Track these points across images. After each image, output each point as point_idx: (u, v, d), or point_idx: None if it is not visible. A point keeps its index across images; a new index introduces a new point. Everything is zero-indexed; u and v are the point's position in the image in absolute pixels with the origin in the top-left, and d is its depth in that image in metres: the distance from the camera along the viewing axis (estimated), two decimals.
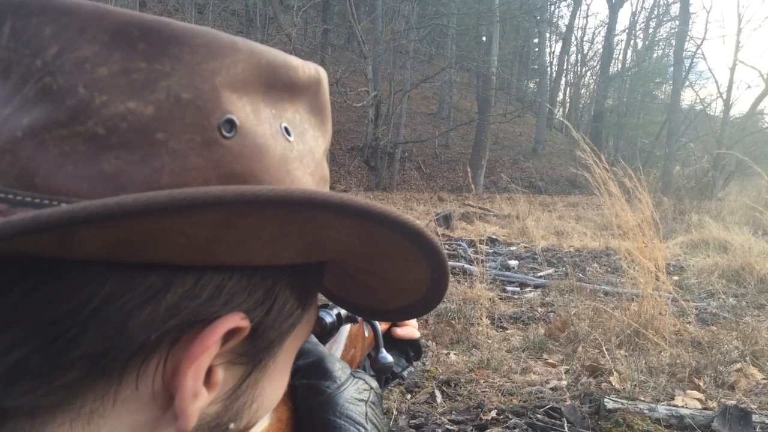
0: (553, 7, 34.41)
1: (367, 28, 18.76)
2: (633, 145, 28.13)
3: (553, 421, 2.17)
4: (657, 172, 11.21)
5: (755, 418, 2.06)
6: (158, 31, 0.28)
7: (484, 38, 24.44)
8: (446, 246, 6.22)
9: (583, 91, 39.02)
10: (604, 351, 2.81)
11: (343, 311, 0.58)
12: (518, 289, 4.67)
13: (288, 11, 17.87)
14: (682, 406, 2.24)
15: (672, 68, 24.77)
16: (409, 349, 0.78)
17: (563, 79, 37.56)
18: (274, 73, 0.32)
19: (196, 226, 0.26)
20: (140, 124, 0.27)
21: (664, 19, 34.98)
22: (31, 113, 0.26)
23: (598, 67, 32.43)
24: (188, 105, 0.28)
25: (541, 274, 5.21)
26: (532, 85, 35.65)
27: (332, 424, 0.44)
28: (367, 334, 0.70)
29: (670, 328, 3.12)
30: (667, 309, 3.19)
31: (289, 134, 0.33)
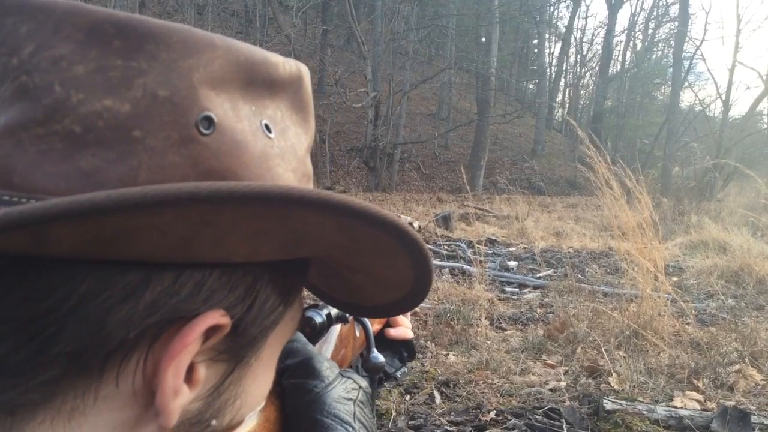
0: (552, 8, 34.57)
1: (366, 29, 18.81)
2: (632, 146, 28.10)
3: (552, 422, 2.17)
4: (656, 173, 11.22)
5: (754, 419, 2.07)
6: (134, 28, 0.28)
7: (484, 39, 24.54)
8: (445, 247, 6.22)
9: (582, 92, 39.10)
10: (603, 352, 2.80)
11: (334, 311, 0.58)
12: (517, 289, 4.67)
13: (287, 12, 17.88)
14: (681, 407, 2.24)
15: (671, 69, 24.82)
16: (402, 350, 0.77)
17: (562, 80, 37.68)
18: (253, 70, 0.32)
19: (172, 223, 0.26)
20: (117, 122, 0.27)
21: (664, 20, 35.02)
22: (8, 112, 0.26)
23: (598, 68, 32.55)
24: (165, 102, 0.28)
25: (541, 274, 5.21)
26: (532, 86, 35.65)
27: (320, 424, 0.44)
28: (358, 335, 0.69)
29: (669, 329, 3.12)
30: (666, 310, 3.18)
31: (270, 131, 0.33)
